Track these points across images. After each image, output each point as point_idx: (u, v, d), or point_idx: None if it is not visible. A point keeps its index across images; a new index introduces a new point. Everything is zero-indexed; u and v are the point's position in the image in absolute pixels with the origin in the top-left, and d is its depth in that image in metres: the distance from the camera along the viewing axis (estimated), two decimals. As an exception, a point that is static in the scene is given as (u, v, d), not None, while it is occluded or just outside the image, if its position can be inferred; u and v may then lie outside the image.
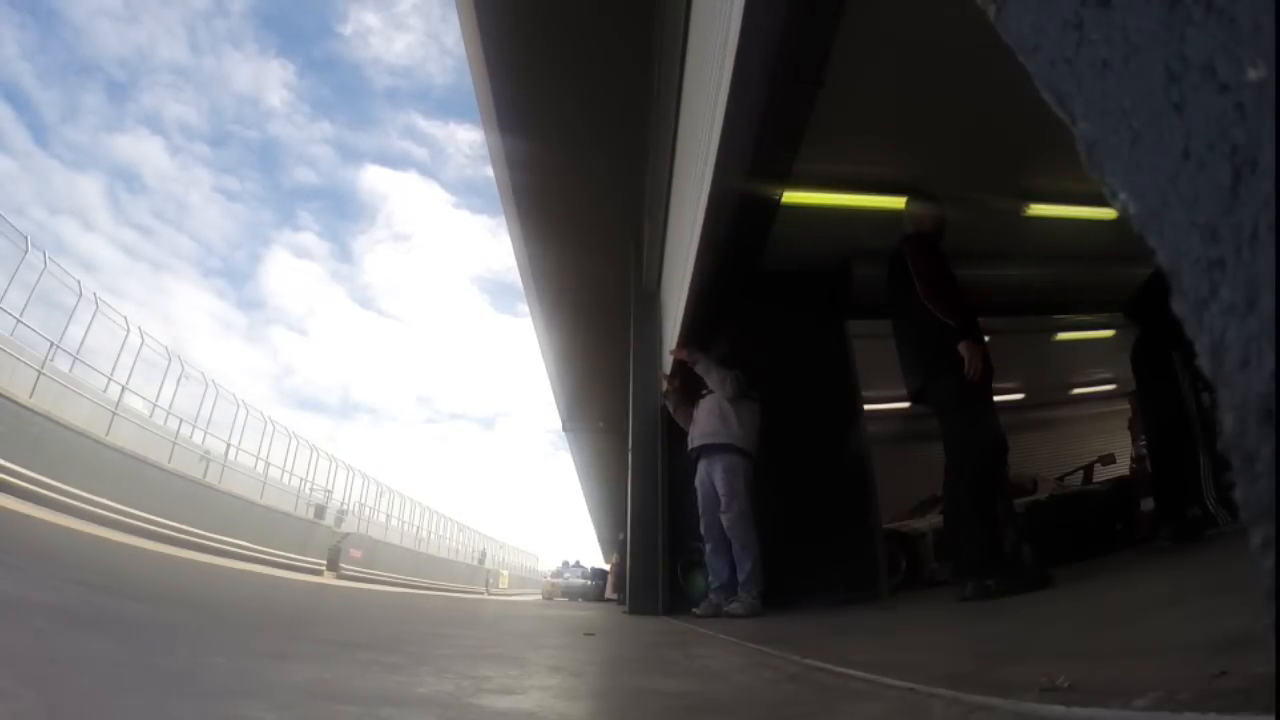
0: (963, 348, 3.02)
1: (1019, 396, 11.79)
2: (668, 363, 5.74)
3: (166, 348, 13.16)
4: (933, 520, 6.67)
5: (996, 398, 5.45)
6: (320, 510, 17.05)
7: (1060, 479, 7.37)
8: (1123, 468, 6.43)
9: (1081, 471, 6.87)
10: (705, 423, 4.65)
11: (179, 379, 13.38)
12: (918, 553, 6.24)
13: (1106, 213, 5.60)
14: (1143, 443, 4.47)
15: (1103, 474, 6.69)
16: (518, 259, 8.05)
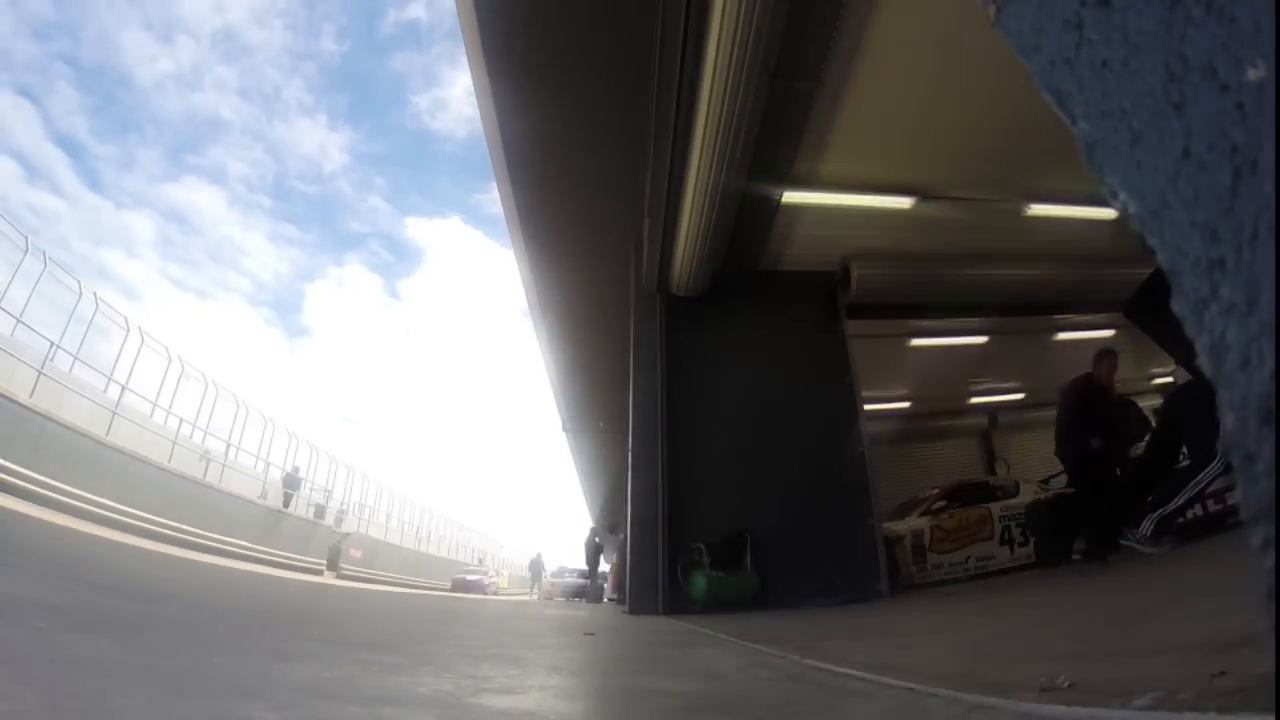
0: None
1: (1019, 396, 11.80)
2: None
3: (166, 347, 13.15)
4: (913, 523, 6.67)
5: (998, 398, 5.45)
6: (320, 510, 17.04)
7: (1044, 481, 7.37)
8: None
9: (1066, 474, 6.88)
10: None
11: (179, 379, 13.37)
12: (896, 555, 6.24)
13: (1106, 213, 5.60)
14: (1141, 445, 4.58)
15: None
16: (518, 260, 8.05)
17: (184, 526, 9.81)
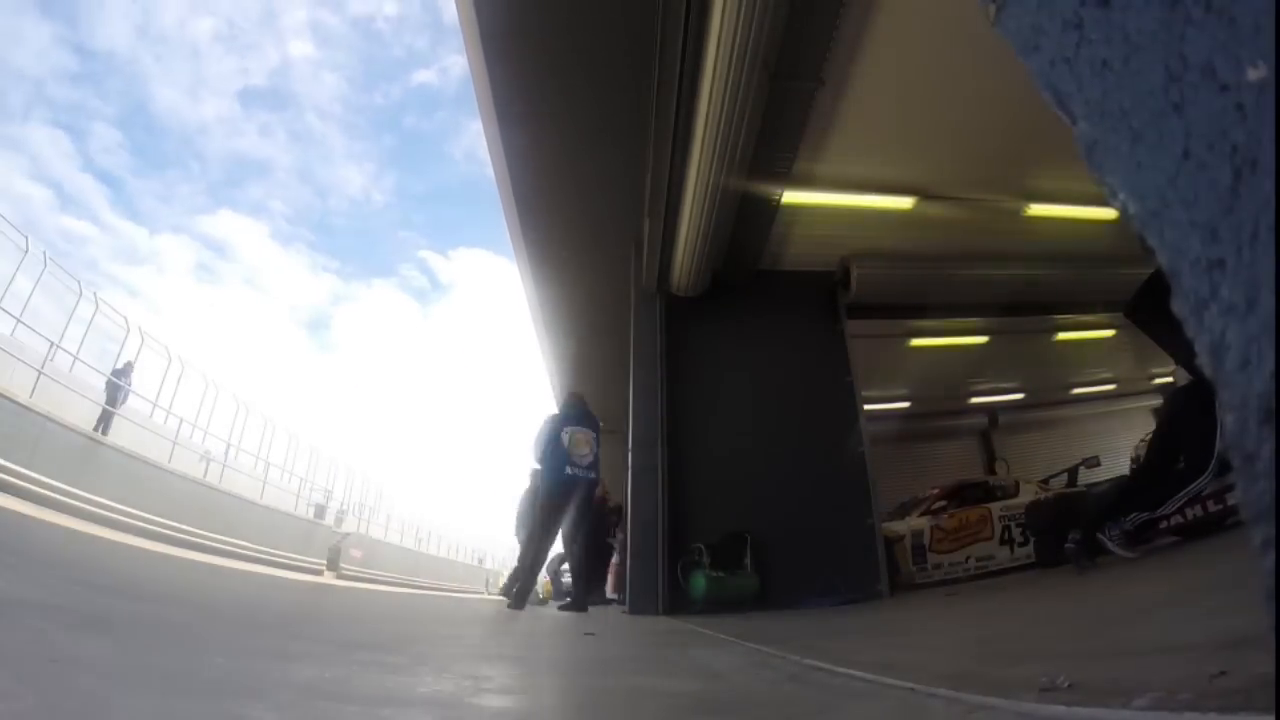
0: None
1: (1019, 396, 11.80)
2: None
3: (167, 347, 13.16)
4: (913, 523, 6.67)
5: (998, 398, 5.47)
6: (320, 510, 17.06)
7: (1044, 481, 7.37)
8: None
9: (1066, 474, 6.88)
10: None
11: (179, 379, 13.38)
12: (896, 555, 6.25)
13: (1106, 213, 5.60)
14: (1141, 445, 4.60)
15: (1088, 476, 6.69)
16: (517, 259, 8.04)
17: (184, 526, 9.80)
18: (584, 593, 5.37)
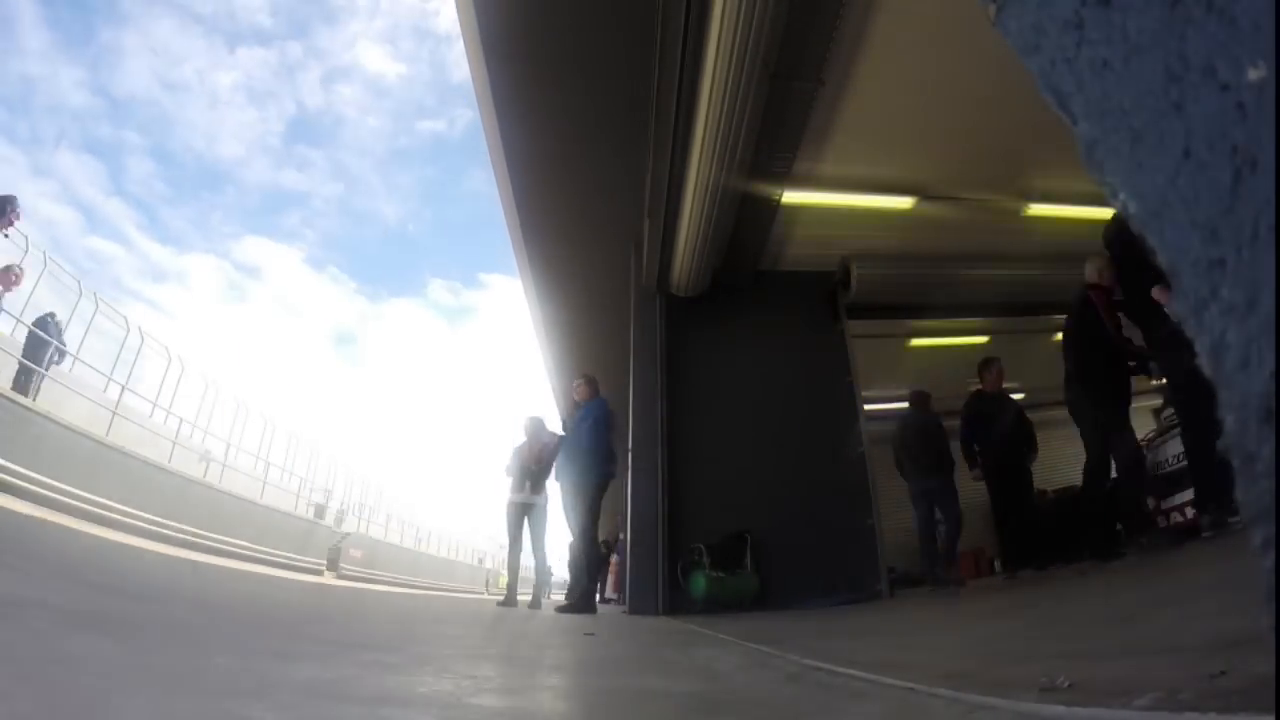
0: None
1: (1019, 397, 11.78)
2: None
3: (167, 348, 13.17)
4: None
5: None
6: (320, 510, 17.05)
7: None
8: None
9: None
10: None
11: (179, 379, 13.39)
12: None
13: (1106, 213, 5.61)
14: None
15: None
16: (518, 259, 8.05)
17: (184, 526, 9.79)
18: (593, 589, 5.14)
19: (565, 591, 5.95)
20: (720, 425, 6.09)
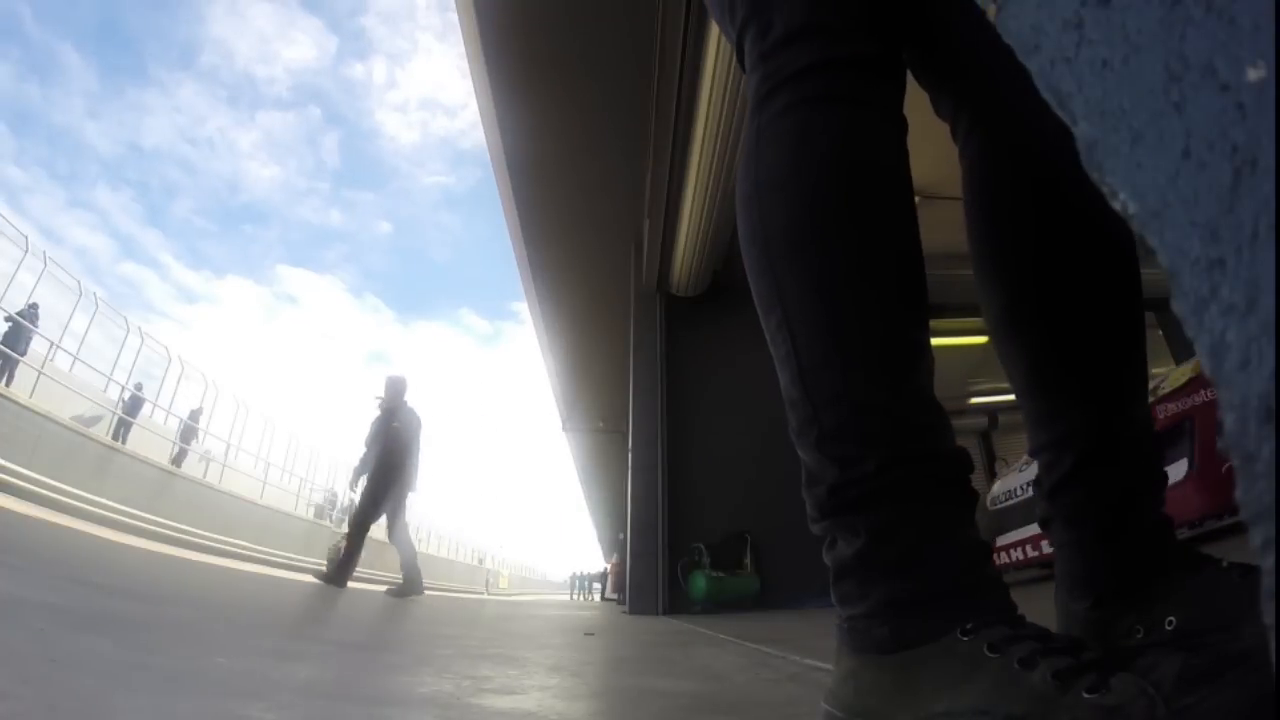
0: None
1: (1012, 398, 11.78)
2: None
3: (166, 348, 13.18)
4: None
5: (998, 398, 5.48)
6: (321, 510, 17.08)
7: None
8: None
9: None
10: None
11: (179, 379, 13.41)
12: None
13: (1106, 213, 5.60)
14: None
15: None
16: (518, 259, 8.05)
17: (184, 526, 9.80)
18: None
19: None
20: (720, 425, 6.09)
